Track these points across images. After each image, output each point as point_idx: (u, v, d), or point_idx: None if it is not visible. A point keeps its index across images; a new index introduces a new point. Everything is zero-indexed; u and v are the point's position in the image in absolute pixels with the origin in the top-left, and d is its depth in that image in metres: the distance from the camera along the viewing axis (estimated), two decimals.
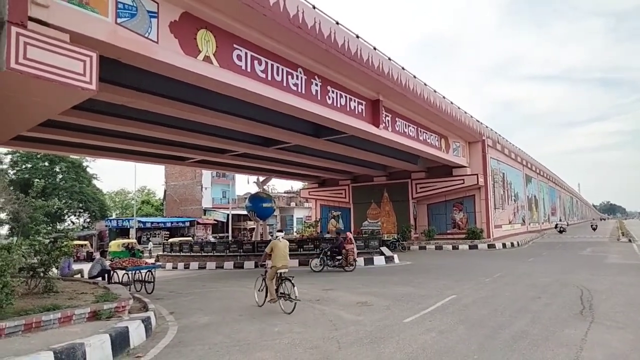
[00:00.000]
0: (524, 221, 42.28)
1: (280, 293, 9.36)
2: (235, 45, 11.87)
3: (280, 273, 9.43)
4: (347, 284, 13.25)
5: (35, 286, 9.31)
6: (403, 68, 18.41)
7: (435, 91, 21.88)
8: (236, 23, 11.52)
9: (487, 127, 31.62)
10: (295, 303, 9.03)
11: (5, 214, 33.56)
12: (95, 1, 8.33)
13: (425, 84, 20.64)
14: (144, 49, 9.46)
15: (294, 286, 9.12)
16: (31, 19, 7.03)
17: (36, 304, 7.45)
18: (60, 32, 7.49)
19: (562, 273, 14.08)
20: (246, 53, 12.20)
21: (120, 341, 6.34)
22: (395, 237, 27.62)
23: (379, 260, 19.54)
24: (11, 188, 36.13)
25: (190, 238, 39.86)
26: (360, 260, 19.28)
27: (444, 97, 23.03)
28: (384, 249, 20.79)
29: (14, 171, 43.90)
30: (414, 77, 19.47)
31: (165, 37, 9.98)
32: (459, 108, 25.52)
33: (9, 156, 43.19)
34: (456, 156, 28.72)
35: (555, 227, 47.22)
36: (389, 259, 19.79)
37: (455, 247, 27.60)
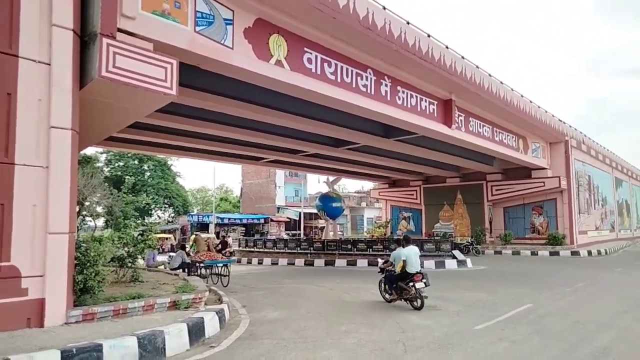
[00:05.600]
0: (613, 227, 38.97)
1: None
2: (305, 49, 12.12)
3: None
4: None
5: (124, 275, 10.13)
6: (477, 66, 17.75)
7: (512, 89, 20.85)
8: (306, 27, 11.75)
9: (570, 126, 29.53)
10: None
11: (101, 207, 36.67)
12: (176, 12, 8.91)
13: (501, 82, 19.74)
14: (221, 55, 9.95)
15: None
16: (120, 30, 7.66)
17: (123, 292, 8.11)
18: (145, 41, 8.08)
19: None
20: (316, 56, 12.40)
21: (196, 330, 6.74)
22: (469, 241, 26.64)
23: (450, 264, 19.00)
24: (106, 184, 39.42)
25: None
26: (431, 264, 18.89)
27: (522, 96, 21.87)
28: (457, 253, 20.17)
29: (108, 169, 47.80)
30: (489, 75, 18.69)
31: (240, 43, 10.42)
32: (539, 107, 24.08)
33: (104, 155, 47.16)
34: (536, 157, 27.14)
35: None
36: (461, 263, 19.17)
37: (534, 253, 26.09)
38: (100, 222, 38.77)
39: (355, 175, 34.75)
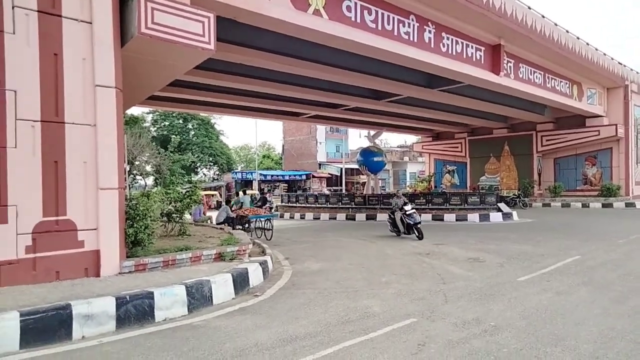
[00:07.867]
0: None
1: None
2: None
3: None
4: (460, 239, 12.91)
5: (172, 229, 10.58)
6: (529, 7, 16.59)
7: (567, 31, 19.44)
8: None
9: (632, 70, 27.44)
10: None
11: (150, 166, 38.23)
12: None
13: (555, 24, 18.43)
14: (257, 7, 9.77)
15: None
16: None
17: (172, 245, 8.48)
18: None
19: None
20: (355, 3, 11.95)
21: (240, 280, 7.00)
22: (516, 194, 25.95)
23: (495, 217, 18.62)
24: (153, 143, 40.79)
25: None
26: (475, 217, 18.63)
27: (577, 38, 20.39)
28: (502, 205, 19.70)
29: (155, 128, 49.32)
30: (542, 16, 17.46)
31: None
32: (596, 49, 22.42)
33: (150, 115, 48.56)
34: (591, 104, 25.57)
35: None
36: (506, 216, 18.76)
37: (585, 205, 25.15)
38: (150, 180, 40.53)
39: (398, 128, 34.11)
